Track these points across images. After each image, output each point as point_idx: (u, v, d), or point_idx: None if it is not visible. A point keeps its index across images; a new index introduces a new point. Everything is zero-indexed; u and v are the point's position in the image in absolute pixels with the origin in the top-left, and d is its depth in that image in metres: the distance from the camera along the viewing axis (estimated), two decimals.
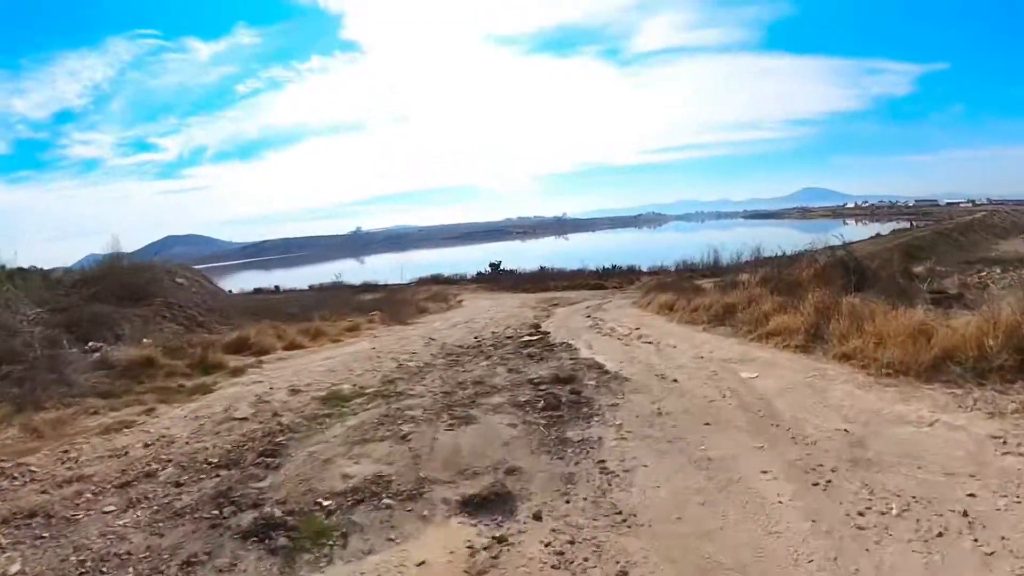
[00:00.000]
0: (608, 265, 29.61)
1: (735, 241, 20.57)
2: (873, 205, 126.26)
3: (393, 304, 16.44)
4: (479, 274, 31.16)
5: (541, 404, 5.11)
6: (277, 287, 30.33)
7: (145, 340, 8.86)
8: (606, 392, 5.37)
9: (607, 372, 6.16)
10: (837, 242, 10.58)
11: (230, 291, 28.29)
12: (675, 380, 5.60)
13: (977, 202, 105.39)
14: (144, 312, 11.28)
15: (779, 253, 12.17)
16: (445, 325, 12.61)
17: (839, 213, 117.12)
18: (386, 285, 26.19)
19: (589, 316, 12.48)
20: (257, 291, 29.25)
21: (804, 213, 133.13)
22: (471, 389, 5.83)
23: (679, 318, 10.13)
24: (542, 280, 26.05)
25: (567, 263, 31.10)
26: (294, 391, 6.18)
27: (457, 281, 29.76)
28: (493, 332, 10.63)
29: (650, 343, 7.87)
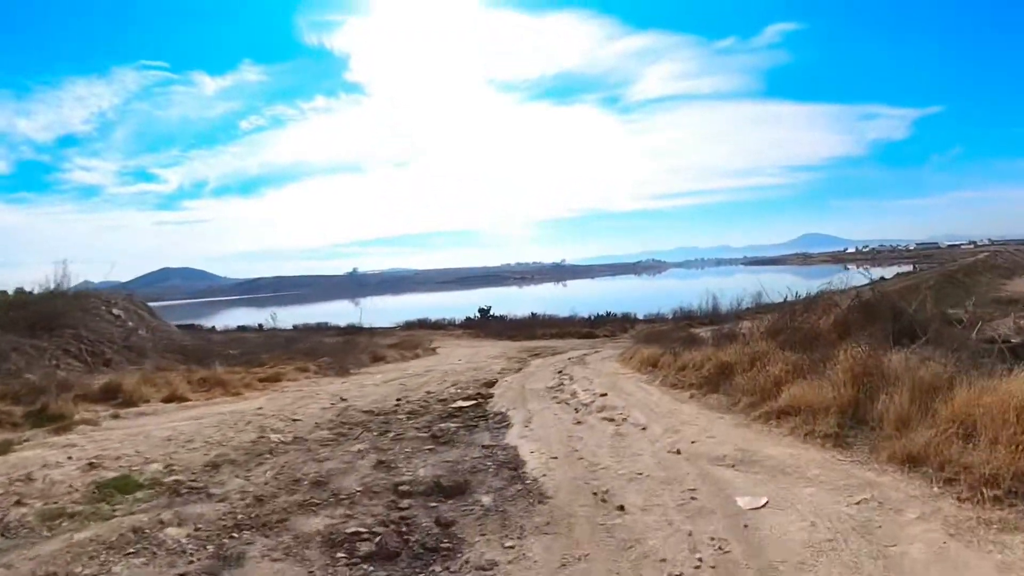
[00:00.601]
0: (602, 312, 28.22)
1: (735, 287, 18.70)
2: (874, 249, 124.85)
3: (346, 351, 14.59)
4: (468, 319, 29.39)
5: (370, 547, 2.81)
6: (261, 325, 29.35)
7: (28, 376, 8.03)
8: (496, 526, 3.01)
9: (522, 478, 3.81)
10: (862, 281, 8.30)
11: (213, 327, 29.53)
12: (621, 508, 3.16)
13: (979, 243, 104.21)
14: (46, 344, 10.25)
15: (791, 296, 9.79)
16: (382, 379, 10.60)
17: (840, 258, 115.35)
18: (371, 328, 24.77)
19: (560, 372, 10.60)
20: (242, 328, 28.62)
21: (805, 259, 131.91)
22: (299, 495, 3.91)
23: (662, 379, 7.81)
24: (531, 327, 24.50)
25: (561, 310, 29.71)
26: (92, 466, 4.67)
27: (444, 326, 28.49)
28: (428, 392, 8.61)
29: (611, 420, 5.50)
